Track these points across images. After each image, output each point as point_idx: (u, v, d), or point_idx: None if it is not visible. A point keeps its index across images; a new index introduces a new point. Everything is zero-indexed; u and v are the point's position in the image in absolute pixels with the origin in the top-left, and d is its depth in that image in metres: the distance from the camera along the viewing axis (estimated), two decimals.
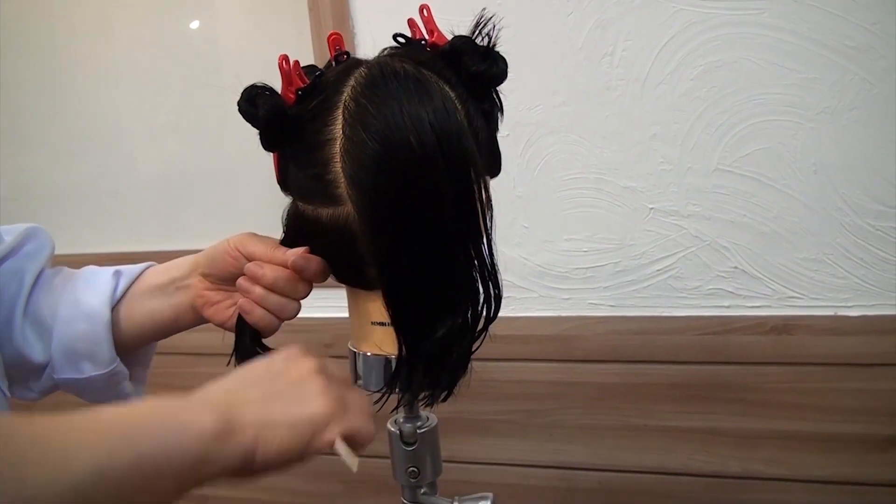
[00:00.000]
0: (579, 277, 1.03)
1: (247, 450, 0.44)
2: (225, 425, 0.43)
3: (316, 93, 0.55)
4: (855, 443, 0.96)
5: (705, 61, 0.92)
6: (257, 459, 0.44)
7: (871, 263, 0.92)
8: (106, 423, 0.40)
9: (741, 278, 0.97)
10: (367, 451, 1.36)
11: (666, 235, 0.98)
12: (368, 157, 0.50)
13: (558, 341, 1.05)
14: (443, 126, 0.50)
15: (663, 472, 1.05)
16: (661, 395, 1.02)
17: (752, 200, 0.94)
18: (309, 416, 0.47)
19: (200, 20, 1.24)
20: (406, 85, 0.51)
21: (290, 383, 0.49)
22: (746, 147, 0.93)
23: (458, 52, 0.55)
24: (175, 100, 1.28)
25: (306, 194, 0.56)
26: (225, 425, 0.43)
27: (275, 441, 0.45)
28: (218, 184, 1.27)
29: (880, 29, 0.86)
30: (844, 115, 0.89)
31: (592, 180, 1.00)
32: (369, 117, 0.50)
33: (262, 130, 0.56)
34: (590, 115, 0.98)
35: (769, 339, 0.96)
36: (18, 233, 0.68)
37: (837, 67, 0.88)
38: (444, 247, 0.52)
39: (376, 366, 0.58)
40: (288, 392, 0.48)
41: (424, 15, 0.58)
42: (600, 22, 0.95)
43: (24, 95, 1.35)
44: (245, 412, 0.45)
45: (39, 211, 1.39)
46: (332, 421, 0.48)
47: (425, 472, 0.64)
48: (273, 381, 0.49)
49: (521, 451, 1.11)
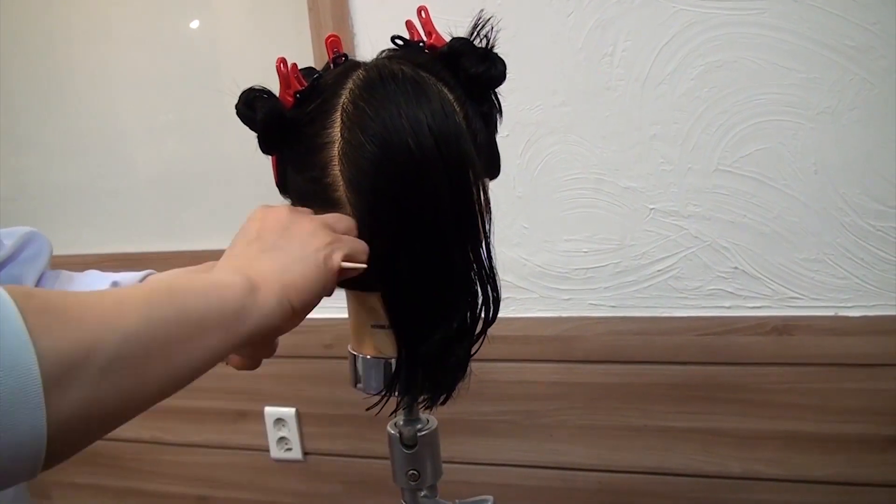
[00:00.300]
0: (579, 278, 1.03)
1: (279, 295, 0.45)
2: (250, 281, 0.44)
3: (314, 96, 0.55)
4: (855, 443, 0.96)
5: (705, 61, 0.92)
6: (293, 299, 0.46)
7: (871, 263, 0.92)
8: (147, 286, 0.41)
9: (741, 279, 0.97)
10: (367, 451, 1.36)
11: (666, 236, 0.98)
12: (366, 161, 0.50)
13: (558, 342, 1.05)
14: (441, 129, 0.50)
15: (663, 473, 1.05)
16: (662, 396, 1.02)
17: (753, 200, 0.94)
18: (312, 249, 0.49)
19: (200, 20, 1.24)
20: (404, 87, 0.51)
21: (278, 232, 0.50)
22: (747, 147, 0.93)
23: (457, 54, 0.55)
24: (175, 99, 1.27)
25: (305, 197, 0.56)
26: (250, 281, 0.44)
27: (297, 278, 0.47)
28: (218, 184, 1.27)
29: (880, 29, 0.85)
30: (845, 114, 0.89)
31: (592, 180, 0.99)
32: (367, 120, 0.50)
33: (259, 134, 0.56)
34: (590, 116, 0.98)
35: (769, 340, 0.96)
36: (17, 237, 0.69)
37: (838, 67, 0.88)
38: (442, 249, 0.52)
39: (376, 368, 0.58)
40: (281, 240, 0.49)
41: (422, 16, 0.58)
42: (600, 22, 0.95)
43: (24, 95, 1.35)
44: (260, 267, 0.47)
45: (39, 211, 1.39)
46: (331, 246, 0.49)
47: (425, 475, 0.64)
48: (262, 238, 0.49)
49: (521, 451, 1.11)
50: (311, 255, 0.48)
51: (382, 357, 0.57)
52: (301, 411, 1.23)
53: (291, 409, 1.23)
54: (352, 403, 1.14)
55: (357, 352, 0.60)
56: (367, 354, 0.59)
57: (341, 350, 0.63)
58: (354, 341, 0.60)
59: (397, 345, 0.54)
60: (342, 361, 0.62)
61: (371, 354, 0.58)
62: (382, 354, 0.57)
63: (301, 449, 1.24)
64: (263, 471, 1.27)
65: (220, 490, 1.32)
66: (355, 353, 0.60)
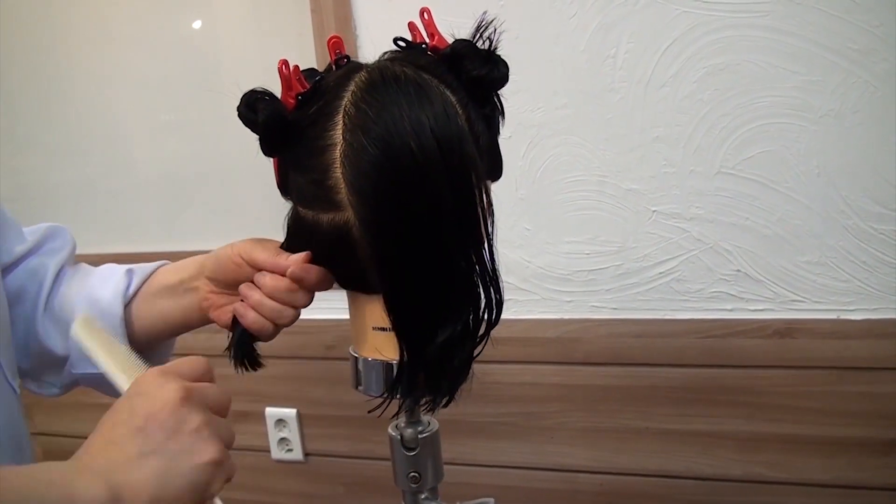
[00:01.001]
0: (581, 280, 1.03)
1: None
2: (114, 493, 0.41)
3: (316, 98, 0.54)
4: (856, 446, 0.96)
5: (708, 64, 0.92)
6: None
7: (873, 267, 0.92)
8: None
9: (743, 281, 0.97)
10: (367, 452, 1.36)
11: (668, 238, 0.98)
12: (368, 163, 0.50)
13: (560, 344, 1.05)
14: (443, 131, 0.50)
15: (665, 476, 1.05)
16: (663, 398, 1.02)
17: (755, 203, 0.94)
18: (198, 464, 0.45)
19: (202, 20, 1.24)
20: (406, 90, 0.51)
21: (167, 433, 0.44)
22: (749, 150, 0.93)
23: (459, 56, 0.55)
24: (176, 100, 1.27)
25: (306, 200, 0.55)
26: (114, 493, 0.41)
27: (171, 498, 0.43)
28: (218, 184, 1.27)
29: (883, 32, 0.85)
30: (847, 117, 0.89)
31: (595, 182, 0.99)
32: (370, 122, 0.50)
33: (261, 136, 0.56)
34: (592, 118, 0.98)
35: (771, 343, 0.96)
36: (40, 232, 0.71)
37: (840, 70, 0.88)
38: (445, 252, 0.52)
39: (377, 371, 0.58)
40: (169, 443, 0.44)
41: (425, 18, 0.58)
42: (603, 24, 0.95)
43: (25, 96, 1.35)
44: (134, 476, 0.42)
45: (40, 211, 1.39)
46: (217, 469, 0.46)
47: (426, 478, 0.63)
48: (146, 433, 0.44)
49: (522, 453, 1.11)
50: (195, 472, 0.44)
51: (384, 359, 0.57)
52: (302, 412, 1.22)
53: (292, 409, 1.23)
54: (353, 405, 1.14)
55: (358, 354, 0.60)
56: (369, 357, 0.59)
57: (342, 351, 0.62)
58: (356, 343, 0.60)
59: (399, 347, 0.54)
60: (343, 362, 0.62)
61: (372, 357, 0.58)
62: (384, 357, 0.57)
63: (302, 450, 1.24)
64: (264, 472, 1.27)
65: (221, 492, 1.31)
66: (356, 356, 0.60)
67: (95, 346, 0.53)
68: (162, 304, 0.68)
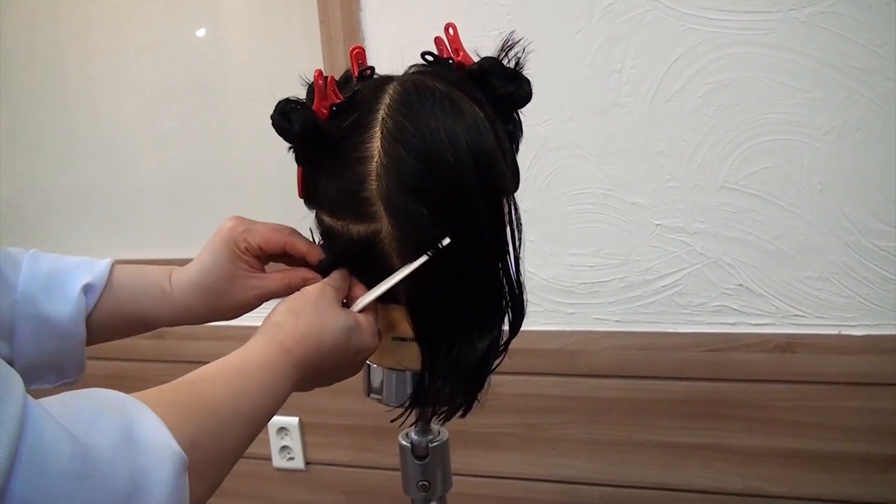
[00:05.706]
0: (585, 292, 1.04)
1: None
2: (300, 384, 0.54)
3: (350, 109, 0.55)
4: (857, 462, 0.96)
5: (713, 80, 0.93)
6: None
7: (875, 283, 0.93)
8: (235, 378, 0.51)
9: (746, 296, 0.97)
10: (369, 461, 1.35)
11: (671, 252, 0.99)
12: (407, 175, 0.50)
13: (562, 355, 1.05)
14: (477, 145, 0.51)
15: (666, 488, 1.05)
16: (665, 411, 1.02)
17: (758, 218, 0.95)
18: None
19: (207, 28, 1.25)
20: (441, 104, 0.51)
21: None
22: (753, 165, 0.94)
23: (487, 73, 0.56)
24: (181, 107, 1.28)
25: (337, 209, 0.56)
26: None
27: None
28: (223, 190, 1.28)
29: (886, 51, 0.86)
30: (850, 135, 0.90)
31: (599, 196, 1.00)
32: (408, 135, 0.50)
33: (296, 145, 0.56)
34: (597, 132, 0.99)
35: (773, 357, 0.97)
36: None
37: (844, 88, 0.89)
38: (475, 266, 0.52)
39: (396, 381, 0.59)
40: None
41: (450, 34, 0.58)
42: (609, 39, 0.96)
43: (30, 101, 1.36)
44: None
45: (44, 216, 1.39)
46: None
47: (436, 486, 0.64)
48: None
49: (524, 464, 1.11)
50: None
51: (404, 369, 0.58)
52: (304, 421, 1.22)
53: (294, 418, 1.23)
54: (355, 413, 1.15)
55: (377, 363, 0.60)
56: (388, 367, 0.59)
57: None
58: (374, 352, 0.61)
59: (422, 358, 0.55)
60: None
61: (392, 367, 0.59)
62: (403, 367, 0.58)
63: (303, 458, 1.24)
64: (266, 480, 1.27)
65: (221, 499, 1.30)
66: (373, 364, 0.60)
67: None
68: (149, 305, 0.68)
